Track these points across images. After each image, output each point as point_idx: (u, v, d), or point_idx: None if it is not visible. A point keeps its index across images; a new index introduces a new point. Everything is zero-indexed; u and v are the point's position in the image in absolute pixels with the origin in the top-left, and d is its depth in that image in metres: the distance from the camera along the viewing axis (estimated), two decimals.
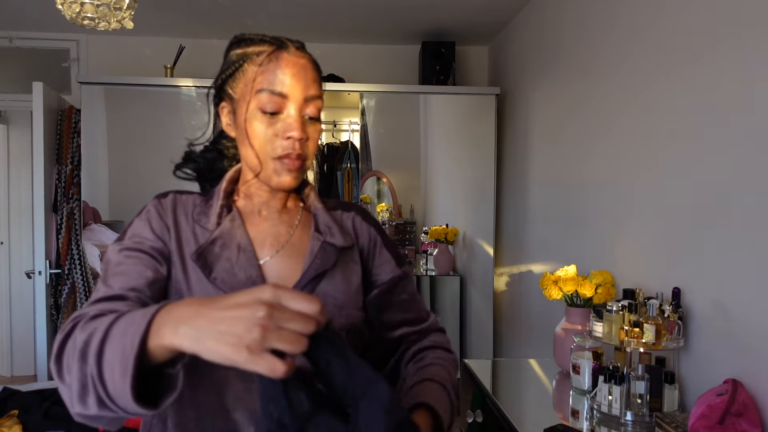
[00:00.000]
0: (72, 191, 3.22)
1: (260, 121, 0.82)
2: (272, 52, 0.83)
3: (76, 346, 0.65)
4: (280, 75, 0.81)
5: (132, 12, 1.98)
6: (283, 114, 0.82)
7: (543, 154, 2.77)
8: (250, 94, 0.83)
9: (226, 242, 0.85)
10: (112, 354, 0.59)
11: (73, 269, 3.19)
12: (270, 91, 0.82)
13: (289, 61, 0.83)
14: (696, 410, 1.28)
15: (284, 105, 0.82)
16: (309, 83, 0.83)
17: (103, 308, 0.73)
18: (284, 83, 0.81)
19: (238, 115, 0.85)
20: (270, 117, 0.82)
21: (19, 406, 1.95)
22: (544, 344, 2.58)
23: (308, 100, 0.83)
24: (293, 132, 0.81)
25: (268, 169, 0.84)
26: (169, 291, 0.83)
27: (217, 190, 0.90)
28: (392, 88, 3.27)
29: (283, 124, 0.82)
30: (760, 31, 1.34)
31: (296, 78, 0.82)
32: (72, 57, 3.53)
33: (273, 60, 0.83)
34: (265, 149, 0.83)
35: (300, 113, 0.83)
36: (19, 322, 4.22)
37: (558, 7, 2.59)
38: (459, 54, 3.59)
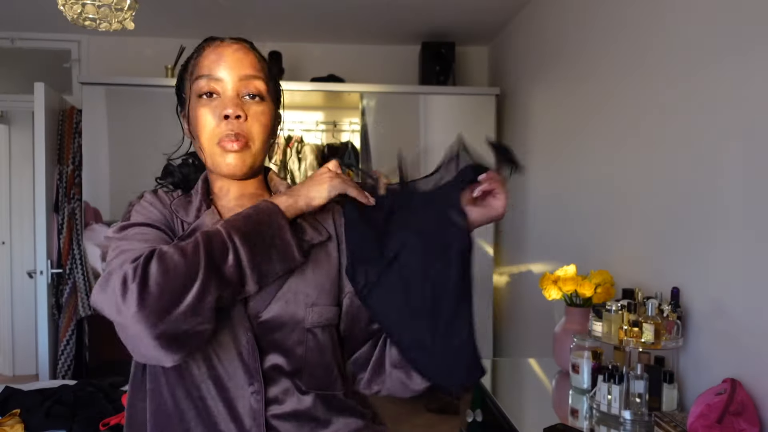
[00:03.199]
0: (73, 191, 3.23)
1: (200, 109, 0.85)
2: (206, 44, 0.87)
3: (186, 253, 0.73)
4: (212, 59, 0.85)
5: (133, 13, 1.99)
6: (221, 96, 0.85)
7: (542, 154, 2.77)
8: (190, 87, 0.87)
9: None
10: (255, 229, 0.77)
11: (74, 269, 3.20)
12: (204, 76, 0.85)
13: (221, 47, 0.86)
14: (695, 409, 1.28)
15: (220, 87, 0.85)
16: (243, 64, 0.86)
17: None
18: (216, 66, 0.84)
19: (188, 113, 0.88)
20: (209, 101, 0.85)
21: (21, 405, 1.95)
22: (543, 344, 2.58)
23: (245, 80, 0.85)
24: (228, 109, 0.83)
25: (214, 155, 0.85)
26: None
27: (194, 191, 0.92)
28: (392, 89, 3.28)
29: (220, 105, 0.84)
30: (761, 32, 1.34)
31: (228, 59, 0.85)
32: (73, 57, 3.54)
33: (206, 49, 0.87)
34: (208, 136, 0.85)
35: (236, 93, 0.85)
36: (20, 322, 4.23)
37: (558, 8, 2.60)
38: (459, 54, 3.59)
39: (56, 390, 2.09)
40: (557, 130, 2.60)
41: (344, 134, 3.67)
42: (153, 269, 0.71)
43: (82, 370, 3.18)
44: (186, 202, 0.90)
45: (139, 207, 0.87)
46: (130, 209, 0.88)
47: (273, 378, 0.84)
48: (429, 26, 3.34)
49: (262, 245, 0.77)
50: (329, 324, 0.88)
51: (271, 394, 0.83)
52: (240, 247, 0.75)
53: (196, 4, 3.00)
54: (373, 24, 3.33)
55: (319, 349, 0.87)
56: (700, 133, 1.55)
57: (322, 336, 0.87)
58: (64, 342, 3.15)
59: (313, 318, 0.86)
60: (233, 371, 0.82)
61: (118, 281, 0.70)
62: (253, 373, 0.82)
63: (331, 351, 0.89)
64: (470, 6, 3.02)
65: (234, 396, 0.82)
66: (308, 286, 0.86)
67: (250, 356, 0.82)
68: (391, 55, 3.69)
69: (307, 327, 0.85)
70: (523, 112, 3.04)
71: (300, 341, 0.85)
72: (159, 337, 0.70)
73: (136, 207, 0.87)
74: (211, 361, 0.82)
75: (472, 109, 3.26)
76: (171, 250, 0.73)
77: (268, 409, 0.83)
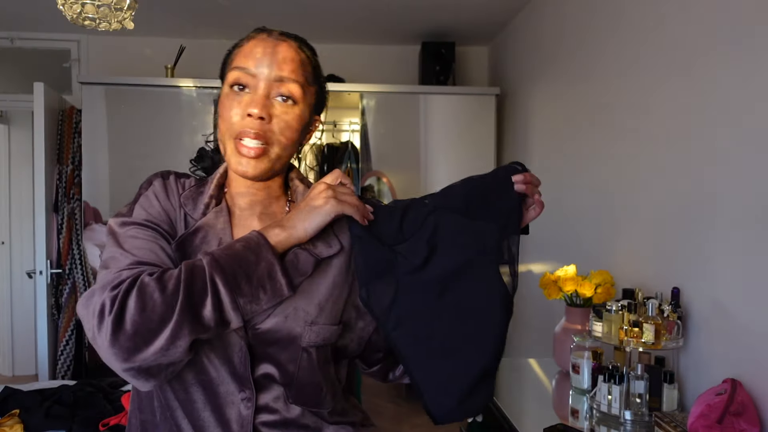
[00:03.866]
0: (73, 191, 3.23)
1: (229, 100, 0.82)
2: (254, 35, 0.84)
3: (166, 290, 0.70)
4: (252, 52, 0.82)
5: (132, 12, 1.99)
6: (251, 92, 0.82)
7: (542, 154, 2.77)
8: (227, 73, 0.84)
9: (207, 235, 0.83)
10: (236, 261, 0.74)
11: (74, 269, 3.20)
12: (239, 68, 0.82)
13: (264, 41, 0.82)
14: (695, 410, 1.28)
15: (252, 83, 0.81)
16: (282, 64, 0.81)
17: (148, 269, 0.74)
18: (253, 60, 0.81)
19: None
20: (238, 94, 0.81)
21: (20, 405, 1.95)
22: (543, 344, 2.58)
23: (279, 81, 0.81)
24: (253, 108, 0.79)
25: (229, 151, 0.82)
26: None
27: (210, 179, 0.88)
28: (392, 89, 3.28)
29: (247, 102, 0.81)
30: (761, 33, 1.34)
31: (267, 56, 0.81)
32: (73, 57, 3.54)
33: (250, 41, 0.83)
34: (228, 128, 0.82)
35: (267, 92, 0.81)
36: (20, 322, 4.23)
37: (558, 8, 2.60)
38: (459, 54, 3.59)
39: (56, 390, 2.09)
40: (557, 130, 2.60)
41: (344, 134, 3.67)
42: (131, 305, 0.69)
43: (81, 371, 3.18)
44: (197, 193, 0.86)
45: (144, 199, 0.84)
46: (141, 192, 0.85)
47: (264, 386, 0.82)
48: (429, 26, 3.34)
49: (248, 287, 0.74)
50: (325, 344, 0.85)
51: (262, 401, 0.82)
52: (222, 290, 0.72)
53: (196, 4, 3.00)
54: (373, 24, 3.33)
55: (311, 368, 0.84)
56: (700, 133, 1.55)
57: (316, 355, 0.84)
58: (63, 342, 3.15)
59: (310, 337, 0.82)
60: (224, 377, 0.80)
61: (97, 308, 0.70)
62: (244, 380, 0.81)
63: (322, 370, 0.86)
64: (470, 6, 3.02)
65: (223, 402, 0.80)
66: (310, 303, 0.82)
67: (241, 363, 0.80)
68: (391, 55, 3.68)
69: (303, 345, 0.82)
70: (523, 112, 3.04)
71: (293, 358, 0.82)
72: (129, 370, 0.71)
73: (142, 198, 0.84)
74: (202, 365, 0.80)
75: (472, 109, 3.26)
76: (153, 285, 0.70)
77: (257, 417, 0.81)
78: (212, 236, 0.83)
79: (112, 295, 0.70)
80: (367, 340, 0.92)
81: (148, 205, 0.83)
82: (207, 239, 0.83)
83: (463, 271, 0.81)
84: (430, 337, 0.81)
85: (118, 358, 0.69)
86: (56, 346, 3.16)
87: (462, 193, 0.83)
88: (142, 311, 0.69)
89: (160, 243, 0.80)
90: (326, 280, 0.85)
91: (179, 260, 0.80)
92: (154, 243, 0.79)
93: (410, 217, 0.83)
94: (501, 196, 0.82)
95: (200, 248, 0.82)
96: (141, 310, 0.69)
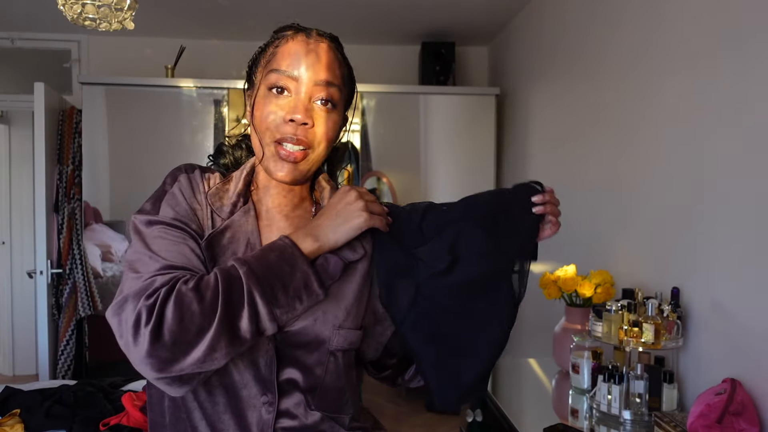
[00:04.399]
0: (73, 191, 3.23)
1: (267, 102, 0.80)
2: (291, 34, 0.82)
3: (204, 301, 0.70)
4: (291, 55, 0.80)
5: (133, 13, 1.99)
6: (291, 96, 0.80)
7: (543, 154, 2.77)
8: (263, 75, 0.82)
9: (235, 234, 0.82)
10: (271, 272, 0.74)
11: (74, 269, 3.20)
12: (279, 71, 0.80)
13: (304, 43, 0.81)
14: (695, 409, 1.28)
15: (293, 87, 0.80)
16: (323, 68, 0.80)
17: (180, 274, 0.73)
18: (294, 64, 0.79)
19: (252, 98, 0.84)
20: (277, 98, 0.80)
21: (21, 405, 1.95)
22: (543, 344, 2.58)
23: (320, 85, 0.80)
24: (296, 114, 0.78)
25: (267, 154, 0.81)
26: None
27: (237, 175, 0.86)
28: (392, 89, 3.28)
29: (288, 106, 0.79)
30: (761, 33, 1.34)
31: (309, 59, 0.80)
32: (73, 57, 3.54)
33: (289, 41, 0.81)
34: (267, 131, 0.80)
35: (308, 97, 0.80)
36: (20, 322, 4.23)
37: (558, 8, 2.60)
38: (459, 54, 3.59)
39: (56, 390, 2.09)
40: (557, 130, 2.60)
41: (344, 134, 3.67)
42: (168, 315, 0.68)
43: (82, 370, 3.18)
44: (223, 191, 0.84)
45: (170, 196, 0.81)
46: (165, 188, 0.83)
47: (287, 391, 0.82)
48: (429, 26, 3.34)
49: (284, 298, 0.74)
50: (351, 348, 0.86)
51: (284, 406, 0.81)
52: (259, 301, 0.72)
53: (196, 4, 3.00)
54: (373, 24, 3.33)
55: (338, 372, 0.84)
56: (701, 133, 1.55)
57: (342, 359, 0.85)
58: (63, 342, 3.15)
59: (338, 341, 0.83)
60: (248, 380, 0.80)
61: (132, 318, 0.68)
62: (268, 384, 0.80)
63: (347, 374, 0.87)
64: (470, 6, 3.02)
65: (245, 405, 0.80)
66: (339, 308, 0.83)
67: (267, 367, 0.80)
68: (391, 55, 3.68)
69: (331, 349, 0.83)
70: (523, 112, 3.04)
71: (320, 362, 0.83)
72: (162, 379, 0.71)
73: (168, 195, 0.81)
74: (227, 368, 0.79)
75: (472, 109, 3.26)
76: (191, 295, 0.69)
77: (277, 422, 0.81)
78: (240, 236, 0.82)
79: (148, 305, 0.68)
80: (384, 345, 0.93)
81: (174, 203, 0.81)
82: (235, 238, 0.82)
83: (483, 281, 0.85)
84: (444, 338, 0.85)
85: (154, 368, 0.68)
86: (56, 346, 3.17)
87: (483, 207, 0.85)
88: (180, 322, 0.68)
89: (189, 244, 0.78)
90: (353, 285, 0.85)
91: (207, 259, 0.79)
92: (183, 244, 0.77)
93: (429, 221, 0.85)
94: (520, 215, 0.84)
95: (228, 248, 0.81)
96: (179, 320, 0.68)
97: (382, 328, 0.91)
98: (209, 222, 0.82)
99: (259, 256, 0.75)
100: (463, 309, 0.85)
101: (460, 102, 3.29)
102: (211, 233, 0.80)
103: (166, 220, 0.79)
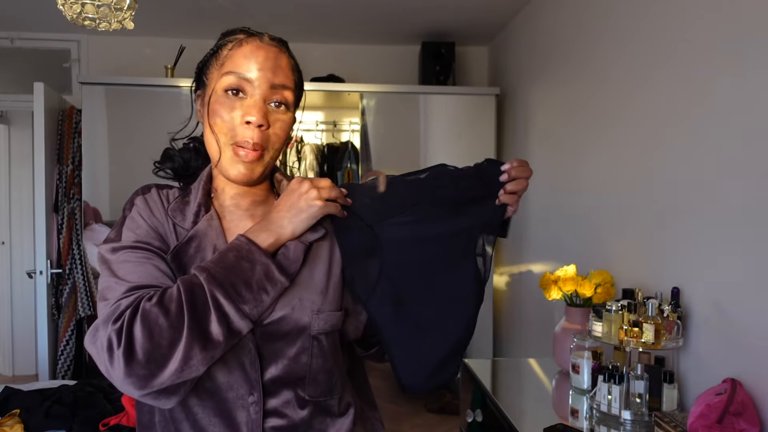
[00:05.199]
0: (73, 191, 3.23)
1: (223, 104, 0.82)
2: (244, 38, 0.84)
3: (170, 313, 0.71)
4: (247, 58, 0.82)
5: (132, 12, 1.99)
6: (247, 99, 0.82)
7: (542, 154, 2.77)
8: (217, 77, 0.83)
9: (201, 243, 0.83)
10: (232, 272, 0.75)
11: (74, 269, 3.20)
12: (235, 74, 0.81)
13: (259, 47, 0.83)
14: (695, 409, 1.28)
15: (248, 89, 0.82)
16: (277, 71, 0.83)
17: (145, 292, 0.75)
18: (249, 67, 0.81)
19: (206, 101, 0.85)
20: (233, 100, 0.81)
21: (21, 405, 1.95)
22: (543, 344, 2.58)
23: (275, 88, 0.82)
24: (252, 116, 0.80)
25: (225, 156, 0.82)
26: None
27: (195, 186, 0.88)
28: (392, 89, 3.28)
29: (244, 108, 0.81)
30: (759, 31, 1.34)
31: (263, 63, 0.82)
32: (73, 57, 3.54)
33: (244, 44, 0.83)
34: (224, 134, 0.82)
35: (264, 99, 0.82)
36: (20, 322, 4.23)
37: (557, 8, 2.60)
38: (459, 54, 3.59)
39: (56, 390, 2.09)
40: (557, 130, 2.60)
41: (344, 134, 3.67)
42: (137, 334, 0.70)
43: (81, 371, 3.18)
44: (183, 203, 0.86)
45: (130, 220, 0.84)
46: (126, 214, 0.85)
47: (273, 391, 0.83)
48: (429, 26, 3.34)
49: (249, 293, 0.76)
50: (333, 330, 0.87)
51: (270, 405, 0.82)
52: (224, 302, 0.74)
53: (196, 4, 3.00)
54: (373, 24, 3.33)
55: (323, 356, 0.85)
56: (700, 133, 1.55)
57: (326, 342, 0.86)
58: (63, 342, 3.15)
59: (319, 325, 0.84)
60: (234, 381, 0.81)
61: (104, 343, 0.71)
62: (253, 383, 0.81)
63: (333, 356, 0.88)
64: (470, 6, 3.02)
65: (232, 406, 0.81)
66: (313, 292, 0.84)
67: (251, 366, 0.81)
68: (391, 54, 3.69)
69: (313, 334, 0.84)
70: (523, 112, 3.04)
71: (305, 348, 0.83)
72: (147, 394, 0.73)
73: (128, 220, 0.84)
74: (210, 372, 0.80)
75: (472, 109, 3.26)
76: (155, 310, 0.71)
77: (266, 421, 0.82)
78: (206, 243, 0.83)
79: (116, 328, 0.71)
80: (365, 324, 0.93)
81: (134, 226, 0.83)
82: (202, 247, 0.83)
83: (446, 255, 0.87)
84: (409, 316, 0.87)
85: (135, 386, 0.71)
86: (56, 346, 3.17)
87: (450, 187, 0.88)
88: (150, 338, 0.70)
89: (153, 262, 0.80)
90: (321, 267, 0.86)
91: (176, 271, 0.80)
92: (147, 263, 0.79)
93: (397, 193, 0.88)
94: (485, 196, 0.87)
95: (196, 257, 0.82)
96: (149, 337, 0.70)
97: (360, 307, 0.93)
98: (173, 236, 0.84)
99: (217, 260, 0.77)
100: (428, 285, 0.87)
101: (460, 102, 3.29)
102: (176, 246, 0.82)
103: (129, 243, 0.81)
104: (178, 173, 0.94)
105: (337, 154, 3.52)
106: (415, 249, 0.87)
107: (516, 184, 0.86)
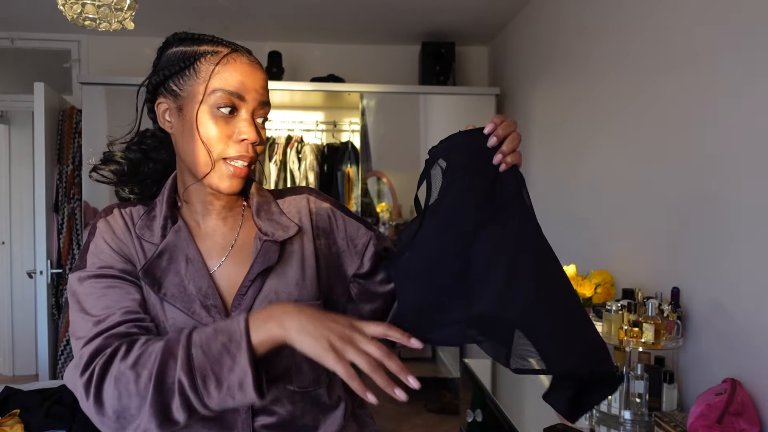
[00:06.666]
0: (73, 191, 3.23)
1: (213, 121, 0.81)
2: (229, 54, 0.83)
3: (139, 382, 0.70)
4: (239, 77, 0.81)
5: (133, 12, 1.99)
6: (238, 116, 0.82)
7: (542, 154, 2.77)
8: (203, 93, 0.82)
9: (173, 255, 0.83)
10: (210, 363, 0.70)
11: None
12: (227, 92, 0.81)
13: (247, 65, 0.83)
14: (695, 409, 1.28)
15: (241, 106, 0.82)
16: (263, 89, 0.84)
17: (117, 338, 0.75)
18: (242, 85, 0.81)
19: (186, 113, 0.83)
20: (225, 117, 0.81)
21: (21, 405, 1.95)
22: None
23: (262, 105, 0.84)
24: (249, 135, 0.81)
25: (216, 169, 0.82)
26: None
27: (159, 200, 0.88)
28: (392, 89, 3.28)
29: (238, 126, 0.81)
30: (759, 30, 1.34)
31: (254, 82, 0.82)
32: (73, 57, 3.54)
33: (231, 61, 0.82)
34: (216, 149, 0.81)
35: (252, 116, 0.83)
36: (20, 322, 4.23)
37: (557, 8, 2.60)
38: (459, 54, 3.59)
39: (56, 390, 2.09)
40: (557, 130, 2.60)
41: (344, 134, 3.67)
42: (108, 392, 0.71)
43: None
44: (150, 219, 0.86)
45: (93, 246, 0.83)
46: (89, 240, 0.84)
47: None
48: (429, 26, 3.34)
49: (217, 393, 0.70)
50: None
51: (258, 404, 0.82)
52: (190, 395, 0.70)
53: (196, 4, 3.00)
54: (373, 24, 3.33)
55: None
56: (701, 133, 1.55)
57: None
58: (64, 342, 3.15)
59: None
60: None
61: (77, 388, 0.72)
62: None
63: None
64: (470, 6, 3.02)
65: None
66: (289, 285, 0.85)
67: None
68: (391, 55, 3.69)
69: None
70: (523, 112, 3.04)
71: None
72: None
73: (91, 245, 0.83)
74: None
75: (472, 109, 3.26)
76: (128, 373, 0.70)
77: (255, 420, 0.82)
78: (178, 254, 0.84)
79: (84, 381, 0.72)
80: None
81: (98, 251, 0.82)
82: (173, 258, 0.83)
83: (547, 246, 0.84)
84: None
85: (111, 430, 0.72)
86: (56, 346, 3.17)
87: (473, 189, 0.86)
88: (119, 400, 0.70)
89: (117, 289, 0.80)
90: (295, 261, 0.87)
91: (150, 286, 0.81)
92: (111, 292, 0.79)
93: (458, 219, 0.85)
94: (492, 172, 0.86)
95: (169, 269, 0.83)
96: (118, 399, 0.70)
97: (354, 306, 0.93)
98: (141, 254, 0.84)
99: (206, 339, 0.72)
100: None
101: (460, 102, 3.29)
102: (146, 262, 0.82)
103: (93, 272, 0.81)
104: (123, 177, 0.91)
105: (337, 154, 3.52)
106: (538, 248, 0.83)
107: (510, 141, 0.84)
